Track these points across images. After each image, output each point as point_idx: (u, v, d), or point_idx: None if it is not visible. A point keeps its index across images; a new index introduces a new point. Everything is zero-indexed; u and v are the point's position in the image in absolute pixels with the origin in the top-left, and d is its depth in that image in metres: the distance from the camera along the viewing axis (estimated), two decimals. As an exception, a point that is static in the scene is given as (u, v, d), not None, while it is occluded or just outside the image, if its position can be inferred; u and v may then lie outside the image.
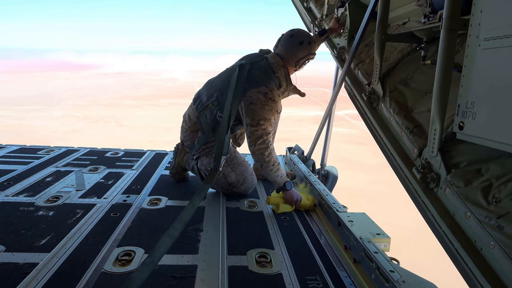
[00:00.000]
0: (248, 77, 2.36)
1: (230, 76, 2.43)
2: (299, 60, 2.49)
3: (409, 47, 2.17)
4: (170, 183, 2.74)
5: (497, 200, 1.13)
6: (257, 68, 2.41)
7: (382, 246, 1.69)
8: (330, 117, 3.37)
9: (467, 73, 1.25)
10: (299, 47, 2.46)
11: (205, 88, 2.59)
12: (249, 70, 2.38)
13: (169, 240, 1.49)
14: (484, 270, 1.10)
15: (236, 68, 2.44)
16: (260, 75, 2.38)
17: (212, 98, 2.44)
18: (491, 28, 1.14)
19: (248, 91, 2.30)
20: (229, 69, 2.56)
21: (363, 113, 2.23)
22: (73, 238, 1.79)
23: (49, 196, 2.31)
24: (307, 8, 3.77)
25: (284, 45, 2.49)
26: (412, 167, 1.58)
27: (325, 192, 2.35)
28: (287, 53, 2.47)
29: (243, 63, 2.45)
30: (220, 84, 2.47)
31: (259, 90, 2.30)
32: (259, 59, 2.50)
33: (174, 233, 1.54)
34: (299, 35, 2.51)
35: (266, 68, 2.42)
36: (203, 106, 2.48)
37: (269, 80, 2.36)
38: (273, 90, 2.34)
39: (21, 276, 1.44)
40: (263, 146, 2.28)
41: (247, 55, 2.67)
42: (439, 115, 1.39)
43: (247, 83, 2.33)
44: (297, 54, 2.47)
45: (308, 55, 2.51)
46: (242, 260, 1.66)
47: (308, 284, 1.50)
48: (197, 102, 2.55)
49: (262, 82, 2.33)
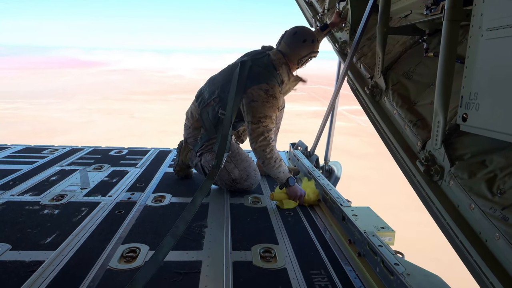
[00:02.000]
0: (250, 73, 2.35)
1: (231, 73, 2.43)
2: (302, 58, 2.48)
3: (411, 39, 2.15)
4: (174, 180, 2.75)
5: (502, 192, 1.13)
6: (258, 64, 2.41)
7: (387, 239, 1.69)
8: (333, 112, 3.36)
9: (470, 64, 1.24)
10: (302, 45, 2.45)
11: (207, 85, 2.59)
12: (251, 67, 2.38)
13: (172, 240, 1.53)
14: (489, 262, 1.09)
15: (237, 64, 2.43)
16: (261, 71, 2.37)
17: (214, 95, 2.44)
18: (493, 18, 1.13)
19: (249, 88, 2.30)
20: (231, 66, 2.55)
21: (366, 107, 2.22)
22: (78, 236, 1.81)
23: (54, 194, 2.33)
24: (308, 3, 3.75)
25: (287, 43, 2.48)
26: (416, 160, 1.57)
27: (329, 187, 2.35)
28: (290, 51, 2.46)
29: (245, 60, 2.45)
30: (221, 81, 2.47)
31: (260, 87, 2.30)
32: (260, 55, 2.49)
33: (177, 232, 1.58)
34: (302, 32, 2.49)
35: (268, 64, 2.41)
36: (205, 103, 2.48)
37: (270, 77, 2.36)
38: (274, 86, 2.33)
39: (27, 274, 1.46)
40: (264, 143, 2.28)
41: (249, 52, 2.66)
42: (442, 107, 1.38)
43: (248, 80, 2.33)
44: (299, 52, 2.46)
45: (311, 53, 2.50)
46: (247, 256, 1.67)
47: (312, 279, 1.50)
48: (199, 99, 2.55)
49: (263, 79, 2.33)
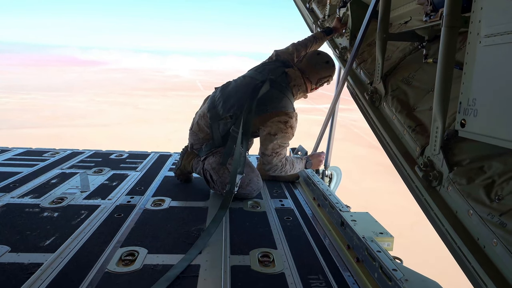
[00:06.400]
0: (267, 99, 2.39)
1: (248, 90, 2.43)
2: (322, 79, 2.59)
3: (411, 46, 2.16)
4: (173, 184, 2.75)
5: (500, 198, 1.13)
6: (277, 87, 2.44)
7: (385, 245, 1.68)
8: (333, 117, 3.36)
9: (468, 70, 1.25)
10: (324, 65, 2.57)
11: (221, 98, 2.53)
12: (269, 91, 2.41)
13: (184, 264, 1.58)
14: (487, 268, 1.09)
15: (255, 83, 2.45)
16: (280, 97, 2.42)
17: (229, 112, 2.43)
18: (491, 24, 1.14)
19: (269, 120, 2.35)
20: (247, 81, 2.53)
21: (365, 112, 2.22)
22: (77, 238, 1.81)
23: (54, 197, 2.33)
24: (309, 9, 3.78)
25: (310, 60, 2.57)
26: (415, 165, 1.57)
27: (328, 192, 2.35)
28: (312, 69, 2.56)
29: (263, 80, 2.45)
30: (238, 97, 2.45)
31: (279, 119, 2.34)
32: (278, 73, 2.51)
33: (190, 257, 1.64)
34: (326, 55, 2.64)
35: (287, 90, 2.46)
36: (219, 117, 2.47)
37: (289, 104, 2.42)
38: (293, 116, 2.39)
39: (26, 276, 1.46)
40: (278, 166, 2.46)
41: (264, 65, 2.67)
42: (441, 113, 1.38)
43: (267, 105, 2.37)
44: (321, 72, 2.57)
45: (329, 76, 2.62)
46: (245, 260, 1.67)
47: (310, 284, 1.50)
48: (212, 111, 2.51)
49: (283, 106, 2.38)
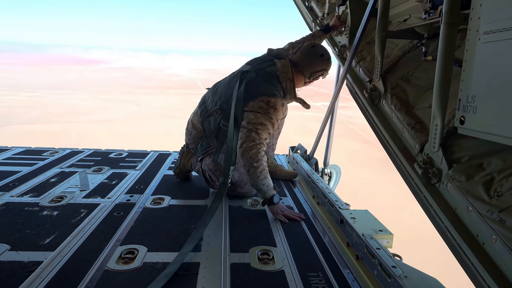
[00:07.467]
0: (252, 86, 2.34)
1: (234, 83, 2.41)
2: (315, 72, 2.48)
3: (410, 43, 2.17)
4: (173, 183, 2.75)
5: (499, 194, 1.13)
6: (261, 76, 2.38)
7: (385, 242, 1.69)
8: (333, 115, 3.37)
9: (468, 67, 1.25)
10: (319, 59, 2.47)
11: (210, 93, 2.57)
12: (252, 79, 2.37)
13: (181, 259, 1.59)
14: (486, 264, 1.10)
15: (239, 74, 2.43)
16: (264, 85, 2.35)
17: (216, 106, 2.43)
18: (490, 21, 1.14)
19: (251, 101, 2.29)
20: (234, 74, 2.53)
21: (365, 110, 2.23)
22: (77, 237, 1.81)
23: (54, 196, 2.33)
24: (308, 7, 3.78)
25: (304, 53, 2.48)
26: (414, 162, 1.58)
27: (327, 190, 2.35)
28: (306, 62, 2.46)
29: (248, 70, 2.43)
30: (224, 91, 2.45)
31: (261, 99, 2.28)
32: (266, 64, 2.47)
33: (185, 251, 1.65)
34: (321, 47, 2.54)
35: (272, 76, 2.38)
36: (207, 113, 2.47)
37: (272, 90, 2.33)
38: (276, 99, 2.31)
39: (26, 274, 1.46)
40: (253, 151, 2.18)
41: (254, 59, 2.64)
42: (440, 110, 1.38)
43: (250, 93, 2.31)
44: (314, 65, 2.47)
45: (324, 70, 2.52)
46: (245, 258, 1.67)
47: (310, 281, 1.50)
48: (202, 107, 2.54)
49: (266, 92, 2.31)
